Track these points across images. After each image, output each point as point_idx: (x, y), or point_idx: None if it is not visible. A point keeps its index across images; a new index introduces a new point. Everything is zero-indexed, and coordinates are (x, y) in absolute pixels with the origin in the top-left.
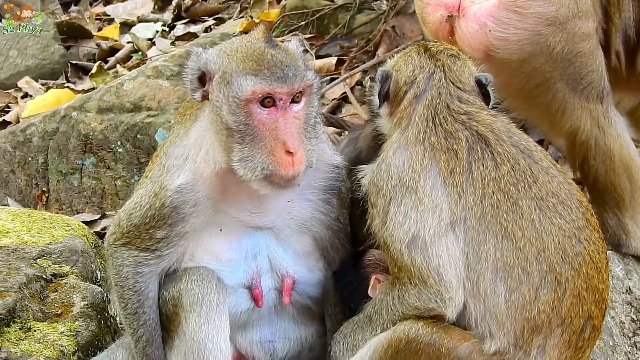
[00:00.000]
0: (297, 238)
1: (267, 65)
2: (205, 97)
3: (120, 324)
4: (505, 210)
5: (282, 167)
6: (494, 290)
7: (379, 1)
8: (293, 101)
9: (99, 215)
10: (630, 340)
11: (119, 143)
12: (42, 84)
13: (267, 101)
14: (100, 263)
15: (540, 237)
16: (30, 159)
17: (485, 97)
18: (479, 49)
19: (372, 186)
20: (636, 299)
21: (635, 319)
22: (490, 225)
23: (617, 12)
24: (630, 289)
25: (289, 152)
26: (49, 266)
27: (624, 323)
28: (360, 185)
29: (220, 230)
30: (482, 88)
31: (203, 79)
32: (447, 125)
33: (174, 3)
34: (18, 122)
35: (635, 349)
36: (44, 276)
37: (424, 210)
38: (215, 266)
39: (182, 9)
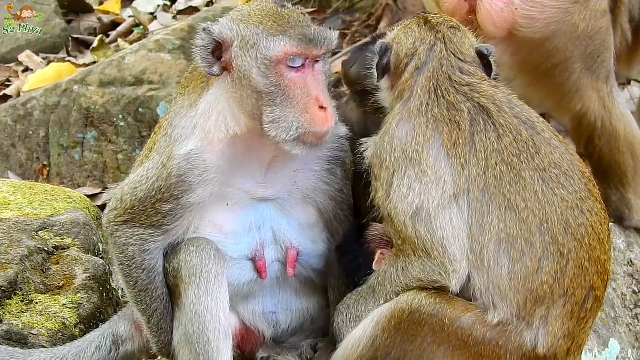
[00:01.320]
0: (301, 209)
1: (291, 25)
2: (225, 69)
3: (123, 297)
4: (508, 182)
5: (317, 123)
6: (497, 261)
7: None
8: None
9: (100, 189)
10: (631, 311)
11: (120, 116)
12: (43, 58)
13: (297, 61)
14: (102, 235)
15: (543, 208)
16: (31, 132)
17: (487, 68)
18: (503, 27)
19: (375, 158)
20: (637, 271)
21: (637, 290)
22: (493, 196)
23: None
24: (631, 261)
25: (321, 107)
26: (51, 238)
27: (625, 295)
28: (363, 158)
29: (227, 204)
30: (482, 59)
31: (216, 52)
32: (449, 96)
33: None
34: (19, 95)
35: (636, 320)
36: (46, 248)
37: (428, 182)
38: (219, 238)
39: None
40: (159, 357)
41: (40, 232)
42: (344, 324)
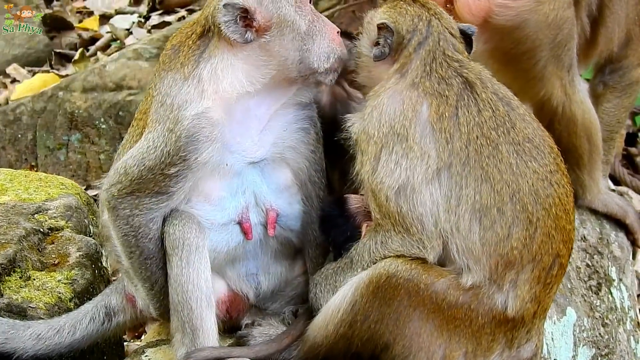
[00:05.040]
0: (278, 172)
1: None
2: (258, 31)
3: (113, 277)
4: (487, 155)
5: (342, 47)
6: (470, 229)
7: None
8: None
9: (84, 187)
10: (586, 283)
11: (102, 120)
12: (29, 71)
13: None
14: (93, 219)
15: (517, 180)
16: (19, 135)
17: (469, 47)
18: (479, 15)
19: (363, 134)
20: (590, 246)
21: (590, 264)
22: (472, 169)
23: None
24: (585, 237)
25: (338, 32)
26: (46, 221)
27: (580, 268)
28: (349, 134)
29: (226, 164)
30: (466, 37)
31: (245, 19)
32: (441, 70)
33: None
34: (7, 104)
35: (590, 292)
36: (42, 230)
37: (414, 158)
38: (207, 209)
39: (156, 2)
40: (147, 325)
41: (36, 215)
42: (322, 294)
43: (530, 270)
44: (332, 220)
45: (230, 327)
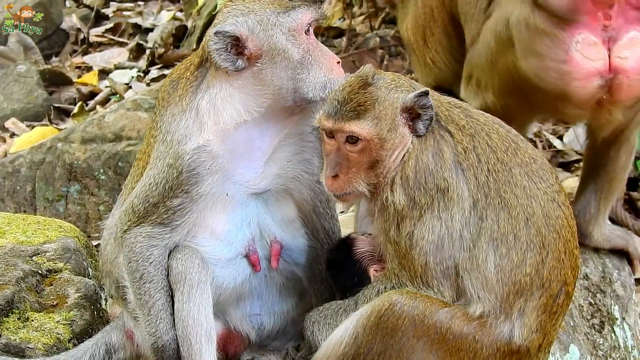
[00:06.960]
0: (282, 204)
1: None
2: (250, 59)
3: (112, 319)
4: (503, 182)
5: (341, 77)
6: (485, 258)
7: (339, 39)
8: None
9: None
10: (588, 322)
11: (101, 171)
12: (27, 125)
13: (308, 29)
14: (92, 262)
15: (530, 203)
16: (18, 187)
17: None
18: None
19: (409, 202)
20: (593, 285)
21: (593, 302)
22: (492, 199)
23: None
24: (587, 276)
25: (338, 62)
26: (44, 263)
27: (583, 306)
28: (387, 203)
29: (227, 194)
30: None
31: (234, 49)
32: (443, 110)
33: (147, 52)
34: (6, 156)
35: (593, 330)
36: (40, 271)
37: (453, 206)
38: (214, 244)
39: (155, 57)
40: None
41: (34, 257)
42: (320, 332)
43: (538, 297)
44: (339, 264)
45: None
